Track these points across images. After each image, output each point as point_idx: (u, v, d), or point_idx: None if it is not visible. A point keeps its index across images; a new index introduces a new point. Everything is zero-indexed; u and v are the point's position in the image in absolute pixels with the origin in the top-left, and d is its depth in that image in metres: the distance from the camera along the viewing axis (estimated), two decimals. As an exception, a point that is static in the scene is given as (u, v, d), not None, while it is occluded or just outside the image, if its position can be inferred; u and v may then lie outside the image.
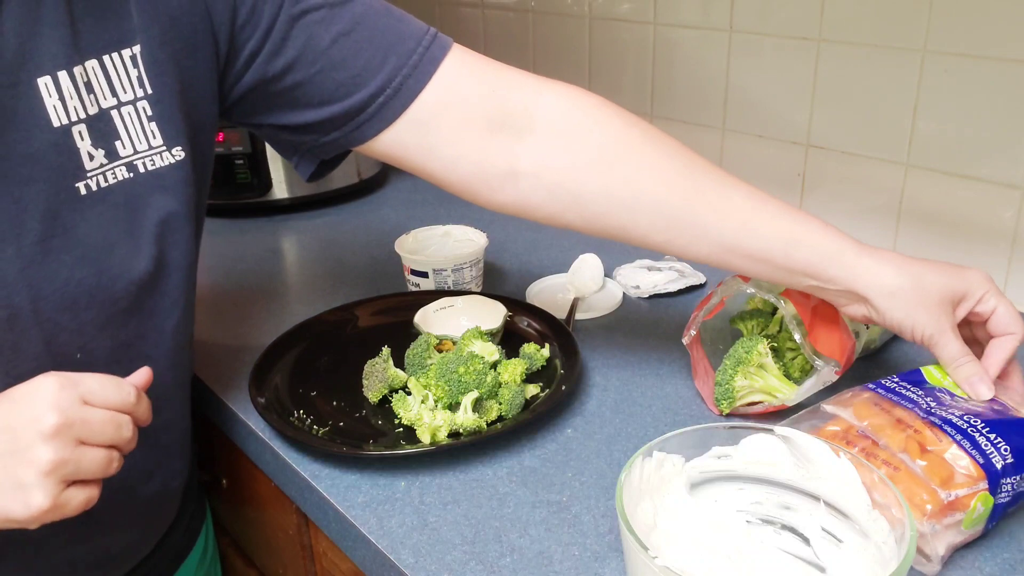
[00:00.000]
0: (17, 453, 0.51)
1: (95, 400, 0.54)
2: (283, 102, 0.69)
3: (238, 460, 0.91)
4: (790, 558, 0.57)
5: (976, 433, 0.59)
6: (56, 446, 0.51)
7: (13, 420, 0.51)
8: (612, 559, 0.61)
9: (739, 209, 0.68)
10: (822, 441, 0.57)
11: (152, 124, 0.63)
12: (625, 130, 0.69)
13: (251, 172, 1.25)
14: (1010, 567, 0.59)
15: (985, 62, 0.89)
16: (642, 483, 0.56)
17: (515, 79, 0.70)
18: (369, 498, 0.68)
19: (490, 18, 1.48)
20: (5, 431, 0.51)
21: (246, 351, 0.90)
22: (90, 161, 0.60)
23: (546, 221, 0.72)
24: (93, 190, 0.60)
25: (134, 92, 0.62)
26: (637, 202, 0.68)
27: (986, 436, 0.59)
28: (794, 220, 0.68)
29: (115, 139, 0.61)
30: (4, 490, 0.51)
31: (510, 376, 0.77)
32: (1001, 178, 0.92)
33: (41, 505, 0.51)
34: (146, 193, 0.63)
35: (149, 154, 0.63)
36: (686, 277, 1.01)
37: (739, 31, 1.11)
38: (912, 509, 0.56)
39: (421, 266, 0.98)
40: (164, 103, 0.63)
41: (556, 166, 0.69)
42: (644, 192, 0.68)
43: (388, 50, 0.67)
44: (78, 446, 0.52)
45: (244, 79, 0.68)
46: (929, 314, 0.65)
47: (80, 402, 0.53)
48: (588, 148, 0.69)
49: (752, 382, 0.74)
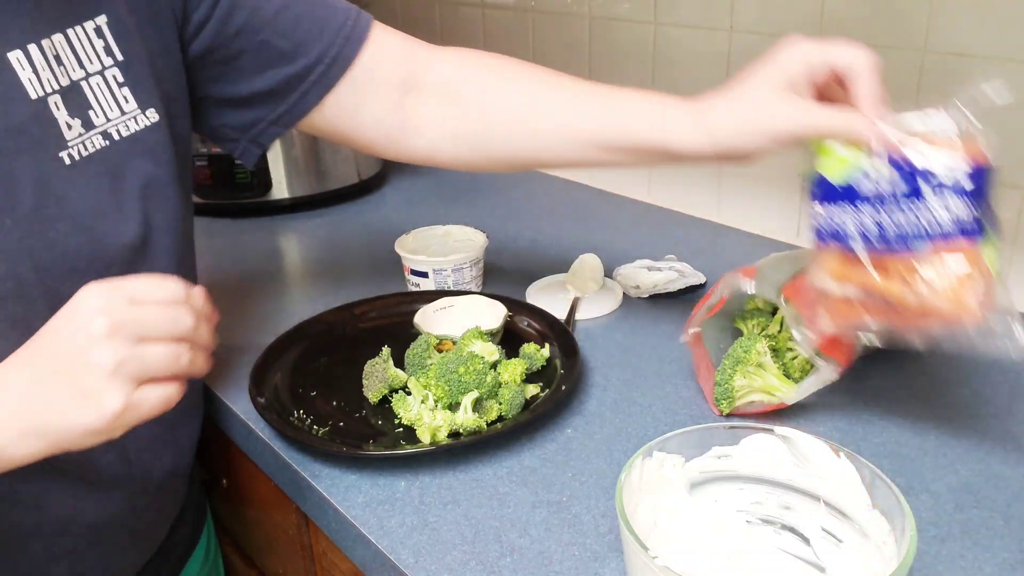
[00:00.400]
0: (77, 365, 0.50)
1: (142, 297, 0.52)
2: (232, 70, 0.75)
3: (238, 460, 0.91)
4: (790, 558, 0.57)
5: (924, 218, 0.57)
6: (114, 346, 0.50)
7: (64, 336, 0.51)
8: (612, 559, 0.61)
9: (611, 107, 0.74)
10: (822, 441, 0.57)
11: (124, 90, 0.65)
12: (506, 68, 0.79)
13: (251, 172, 1.25)
14: (1010, 567, 0.59)
15: (985, 62, 0.89)
16: (642, 483, 0.56)
17: (422, 47, 0.80)
18: (369, 498, 0.68)
19: (490, 18, 1.48)
20: (59, 348, 0.51)
21: (246, 351, 0.90)
22: (69, 131, 0.61)
23: (455, 165, 0.82)
24: (76, 159, 0.62)
25: (101, 63, 0.64)
26: (527, 127, 0.77)
27: (927, 209, 0.57)
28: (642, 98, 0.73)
29: (88, 109, 0.63)
30: (74, 402, 0.50)
31: (510, 376, 0.77)
32: (1001, 178, 0.91)
33: (114, 407, 0.50)
34: (125, 159, 0.65)
35: (123, 119, 0.65)
36: (686, 277, 1.01)
37: (739, 31, 1.11)
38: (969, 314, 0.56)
39: (421, 266, 0.98)
40: (134, 68, 0.66)
41: (452, 114, 0.78)
42: (530, 118, 0.77)
43: (323, 22, 0.75)
44: (138, 343, 0.51)
45: (194, 45, 0.72)
46: (778, 105, 0.63)
47: (127, 302, 0.52)
48: (479, 95, 0.78)
49: (751, 381, 0.74)
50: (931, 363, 0.84)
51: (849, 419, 0.76)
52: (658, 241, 1.16)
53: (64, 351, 0.51)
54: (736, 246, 1.14)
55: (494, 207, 1.31)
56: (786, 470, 0.59)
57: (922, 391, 0.80)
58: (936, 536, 0.62)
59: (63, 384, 0.50)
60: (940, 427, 0.74)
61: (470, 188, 1.40)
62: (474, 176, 1.47)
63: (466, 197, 1.36)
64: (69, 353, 0.50)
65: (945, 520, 0.63)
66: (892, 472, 0.68)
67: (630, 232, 1.19)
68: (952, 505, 0.65)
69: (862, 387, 0.80)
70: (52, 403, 0.50)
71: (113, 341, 0.50)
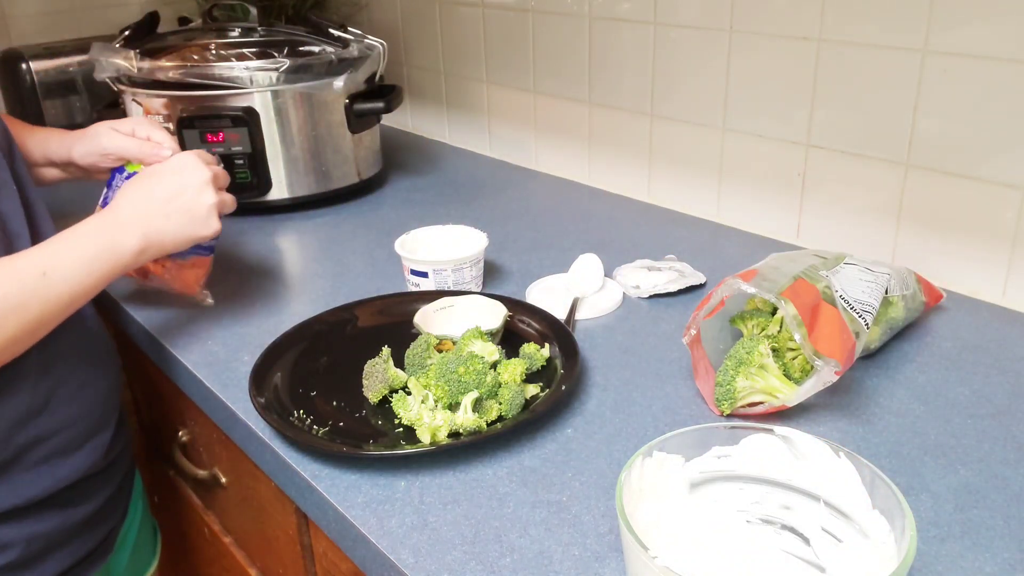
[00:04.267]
0: (193, 200, 0.84)
1: (209, 160, 0.89)
2: None
3: (238, 460, 0.91)
4: (790, 558, 0.57)
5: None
6: (212, 191, 0.85)
7: (177, 182, 0.84)
8: (612, 559, 0.61)
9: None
10: (822, 441, 0.57)
11: None
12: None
13: (251, 172, 1.25)
14: (1010, 567, 0.59)
15: (985, 62, 0.89)
16: (642, 483, 0.56)
17: None
18: (369, 498, 0.68)
19: (490, 18, 1.48)
20: (175, 189, 0.84)
21: (246, 351, 0.90)
22: None
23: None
24: None
25: None
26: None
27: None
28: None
29: None
30: (197, 221, 0.84)
31: (510, 376, 0.77)
32: (1001, 178, 0.92)
33: (217, 227, 0.86)
34: None
35: None
36: (686, 277, 1.01)
37: (739, 31, 1.11)
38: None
39: (421, 266, 0.98)
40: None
41: None
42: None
43: None
44: (218, 192, 0.86)
45: None
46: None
47: (208, 164, 0.87)
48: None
49: (753, 382, 0.74)
50: (931, 363, 0.84)
51: (849, 419, 0.76)
52: (658, 241, 1.16)
53: (180, 191, 0.83)
54: (736, 246, 1.14)
55: (494, 207, 1.31)
56: (786, 470, 0.59)
57: (922, 391, 0.80)
58: (936, 536, 0.62)
59: (182, 212, 0.83)
60: (940, 427, 0.74)
61: (470, 188, 1.40)
62: (474, 176, 1.47)
63: (466, 197, 1.36)
64: (185, 193, 0.84)
65: (945, 520, 0.63)
66: (892, 472, 0.68)
67: (630, 232, 1.19)
68: (952, 505, 0.65)
69: (862, 387, 0.80)
70: (171, 220, 0.83)
71: (211, 187, 0.85)
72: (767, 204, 1.15)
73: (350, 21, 1.77)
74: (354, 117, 1.30)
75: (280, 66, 1.22)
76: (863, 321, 0.77)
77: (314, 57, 1.25)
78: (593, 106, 1.34)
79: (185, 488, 1.15)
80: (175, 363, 0.91)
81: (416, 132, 1.77)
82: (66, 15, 1.80)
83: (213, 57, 1.23)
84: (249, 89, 1.21)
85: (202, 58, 1.23)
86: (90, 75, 1.36)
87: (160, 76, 1.21)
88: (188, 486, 1.15)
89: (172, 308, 1.01)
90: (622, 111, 1.30)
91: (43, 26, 1.77)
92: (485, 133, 1.59)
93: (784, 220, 1.14)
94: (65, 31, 1.77)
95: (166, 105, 1.22)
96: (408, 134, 1.77)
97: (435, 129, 1.72)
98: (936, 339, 0.89)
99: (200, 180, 0.84)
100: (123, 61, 1.22)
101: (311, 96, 1.26)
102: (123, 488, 0.94)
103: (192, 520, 1.15)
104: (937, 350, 0.87)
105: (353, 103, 1.29)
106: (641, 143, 1.29)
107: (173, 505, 1.19)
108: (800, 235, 1.13)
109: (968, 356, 0.85)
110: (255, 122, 1.23)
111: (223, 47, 1.26)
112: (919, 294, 0.89)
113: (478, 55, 1.54)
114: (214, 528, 1.09)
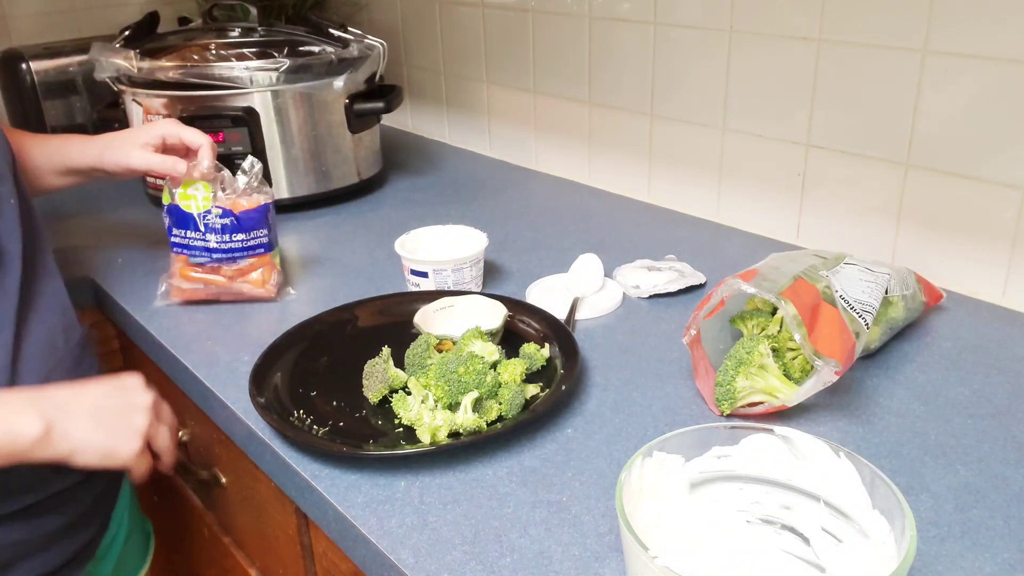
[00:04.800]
0: (124, 418, 0.77)
1: (157, 397, 0.82)
2: None
3: (238, 460, 0.91)
4: (790, 558, 0.57)
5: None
6: (148, 418, 0.79)
7: (119, 398, 0.78)
8: (612, 559, 0.61)
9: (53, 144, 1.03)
10: (822, 441, 0.57)
11: None
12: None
13: (251, 172, 1.25)
14: (1010, 567, 0.59)
15: (985, 62, 0.89)
16: (642, 483, 0.56)
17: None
18: (369, 498, 0.68)
19: (490, 18, 1.48)
20: (115, 404, 0.78)
21: (246, 351, 0.90)
22: None
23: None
24: None
25: None
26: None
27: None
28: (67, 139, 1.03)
29: None
30: (117, 434, 0.76)
31: (510, 376, 0.77)
32: (1001, 178, 0.92)
33: (135, 450, 0.77)
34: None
35: None
36: (686, 277, 1.01)
37: (739, 31, 1.11)
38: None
39: (421, 266, 0.98)
40: None
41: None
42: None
43: None
44: (157, 420, 0.80)
45: None
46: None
47: (155, 395, 0.81)
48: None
49: (753, 383, 0.74)
50: (931, 363, 0.84)
51: (849, 419, 0.76)
52: (658, 241, 1.16)
53: (119, 407, 0.78)
54: (736, 246, 1.14)
55: (494, 207, 1.31)
56: (786, 470, 0.58)
57: (922, 391, 0.80)
58: (936, 536, 0.62)
59: (112, 423, 0.76)
60: (940, 427, 0.74)
61: (470, 188, 1.40)
62: (474, 176, 1.47)
63: (466, 197, 1.36)
64: (122, 411, 0.77)
65: (945, 520, 0.63)
66: (892, 472, 0.68)
67: (630, 232, 1.19)
68: (952, 505, 0.65)
69: (862, 387, 0.80)
70: (90, 420, 0.75)
71: (149, 413, 0.79)
72: (767, 204, 1.15)
73: (350, 21, 1.77)
74: (354, 117, 1.30)
75: (280, 66, 1.22)
76: (863, 321, 0.77)
77: (314, 57, 1.25)
78: (593, 106, 1.34)
79: (185, 488, 1.15)
80: (175, 363, 0.92)
81: (416, 132, 1.77)
82: (66, 15, 1.80)
83: (213, 57, 1.23)
84: (249, 89, 1.22)
85: (202, 58, 1.23)
86: (90, 75, 1.36)
87: (160, 76, 1.21)
88: (188, 486, 1.15)
89: (172, 308, 1.01)
90: (622, 111, 1.30)
91: (43, 26, 1.77)
92: (485, 133, 1.59)
93: (784, 220, 1.14)
94: (65, 31, 1.77)
95: (166, 105, 1.23)
96: (408, 134, 1.77)
97: (435, 129, 1.72)
98: (936, 339, 0.89)
99: (141, 401, 0.79)
100: (123, 61, 1.22)
101: (311, 96, 1.26)
102: (105, 497, 0.92)
103: (192, 520, 1.15)
104: (937, 350, 0.87)
105: (353, 103, 1.29)
106: (641, 143, 1.29)
107: (173, 505, 1.19)
108: (800, 235, 1.13)
109: (968, 356, 0.85)
110: (255, 122, 1.23)
111: (223, 47, 1.26)
112: (919, 294, 0.89)
113: (478, 55, 1.54)
114: (214, 528, 1.09)
